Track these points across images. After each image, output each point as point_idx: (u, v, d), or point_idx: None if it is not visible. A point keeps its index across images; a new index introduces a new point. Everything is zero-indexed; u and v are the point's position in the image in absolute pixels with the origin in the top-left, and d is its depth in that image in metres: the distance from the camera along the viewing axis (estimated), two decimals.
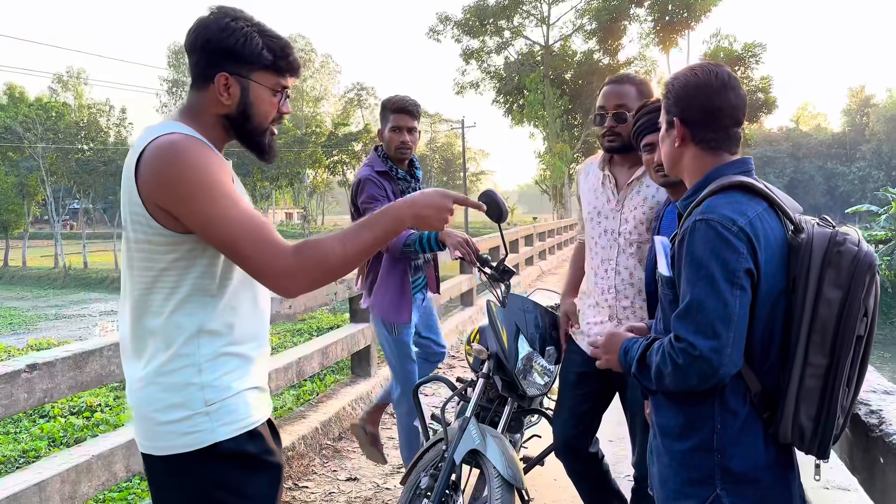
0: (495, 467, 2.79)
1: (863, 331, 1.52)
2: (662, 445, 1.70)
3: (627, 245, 2.64)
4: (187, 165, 1.44)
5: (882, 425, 1.69)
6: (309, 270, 1.46)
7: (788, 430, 1.54)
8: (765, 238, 1.53)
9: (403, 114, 3.43)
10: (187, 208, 1.43)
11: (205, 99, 1.57)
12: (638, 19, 31.88)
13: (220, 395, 1.53)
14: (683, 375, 1.54)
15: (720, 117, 1.66)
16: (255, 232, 1.44)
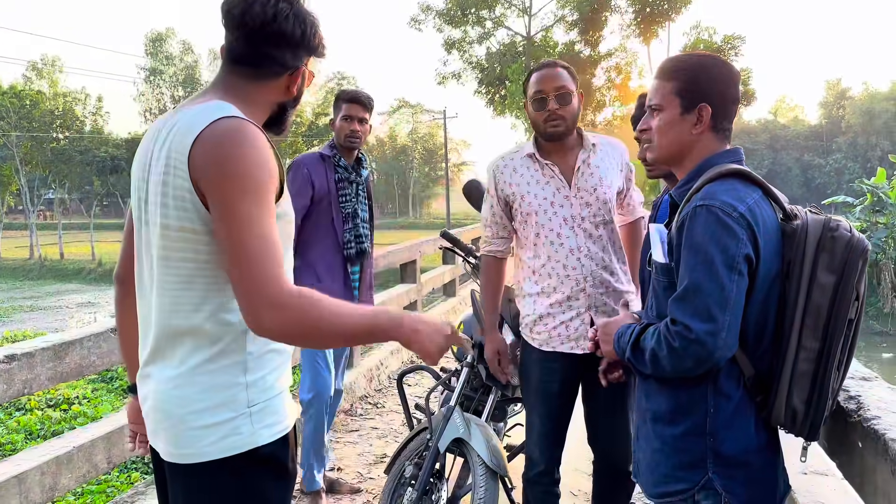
0: (479, 455, 2.80)
1: (854, 314, 1.56)
2: (653, 431, 1.72)
3: (594, 228, 2.59)
4: (253, 158, 1.36)
5: (860, 410, 1.72)
6: (295, 317, 1.33)
7: (781, 412, 1.57)
8: (763, 224, 1.56)
9: (355, 104, 3.45)
10: (226, 196, 1.34)
11: (270, 87, 1.52)
12: (619, 10, 31.93)
13: (264, 395, 1.46)
14: (679, 358, 1.56)
15: (735, 108, 1.72)
16: (270, 251, 1.34)
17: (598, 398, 2.66)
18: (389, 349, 6.29)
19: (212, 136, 1.36)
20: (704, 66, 1.70)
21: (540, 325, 2.64)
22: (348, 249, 3.48)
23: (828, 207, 38.29)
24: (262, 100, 1.53)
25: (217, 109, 1.41)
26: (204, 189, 1.36)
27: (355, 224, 3.49)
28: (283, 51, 1.49)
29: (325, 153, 3.49)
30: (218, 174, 1.34)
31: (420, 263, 7.35)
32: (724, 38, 30.58)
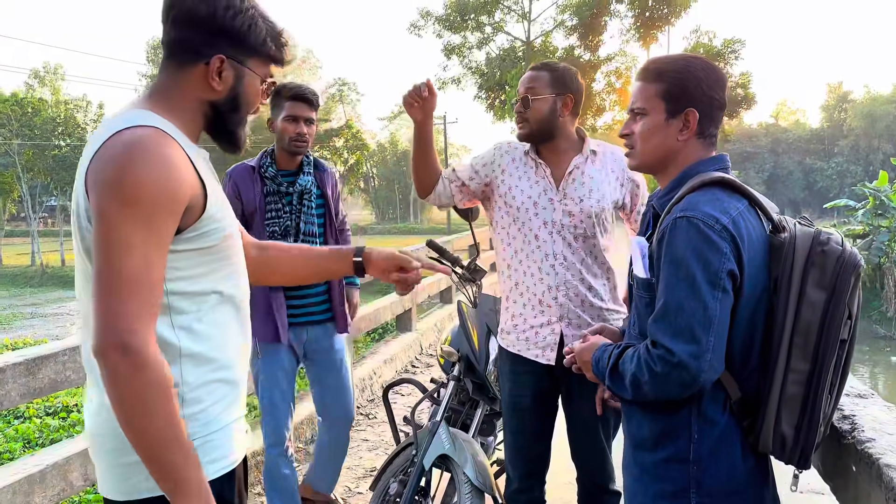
0: (465, 473, 2.72)
1: (846, 334, 1.46)
2: (633, 457, 1.62)
3: (573, 239, 2.49)
4: (147, 176, 1.23)
5: (854, 432, 1.64)
6: (130, 376, 1.18)
7: (769, 438, 1.47)
8: (748, 237, 1.46)
9: (300, 101, 3.02)
10: (104, 216, 1.22)
11: (188, 80, 1.39)
12: (618, 15, 31.83)
13: (205, 429, 1.36)
14: (662, 384, 1.46)
15: (721, 113, 1.63)
16: (137, 286, 1.21)
17: (575, 413, 2.58)
18: (383, 358, 6.21)
19: (107, 150, 1.26)
20: (692, 68, 1.60)
21: (510, 324, 2.59)
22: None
23: (830, 211, 38.15)
24: (186, 97, 1.40)
25: (128, 119, 1.30)
26: (91, 206, 1.25)
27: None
28: (190, 33, 1.37)
29: (253, 164, 3.08)
30: (102, 192, 1.23)
31: None
32: (723, 42, 30.46)
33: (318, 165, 3.20)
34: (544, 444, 2.63)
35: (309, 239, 3.06)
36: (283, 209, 3.02)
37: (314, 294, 3.14)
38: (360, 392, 5.56)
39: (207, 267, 1.38)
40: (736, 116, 33.64)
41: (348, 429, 3.38)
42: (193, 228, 1.33)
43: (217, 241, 1.38)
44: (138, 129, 1.27)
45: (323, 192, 3.16)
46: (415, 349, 6.99)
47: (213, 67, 1.38)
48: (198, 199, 1.33)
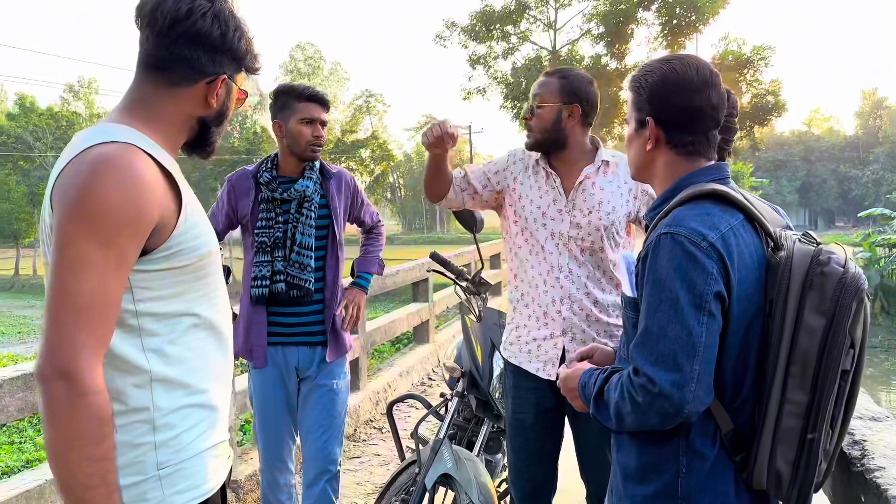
0: (467, 494, 2.64)
1: (849, 364, 1.33)
2: (623, 488, 1.51)
3: (580, 252, 2.41)
4: (111, 195, 1.18)
5: (864, 458, 1.53)
6: (70, 408, 1.13)
7: (763, 475, 1.35)
8: (739, 256, 1.35)
9: (316, 103, 2.78)
10: (62, 233, 1.17)
11: (183, 97, 1.35)
12: (645, 23, 31.62)
13: (178, 456, 1.30)
14: (643, 414, 1.35)
15: (700, 118, 1.47)
16: (88, 310, 1.15)
17: (582, 431, 2.49)
18: (398, 371, 6.14)
19: (73, 167, 1.20)
20: (650, 72, 1.50)
21: (513, 335, 2.53)
22: (256, 288, 2.73)
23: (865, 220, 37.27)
24: (174, 113, 1.36)
25: (98, 134, 1.24)
26: (52, 223, 1.20)
27: (274, 257, 2.73)
28: (197, 53, 1.33)
29: (252, 169, 2.87)
30: (63, 210, 1.18)
31: (432, 281, 7.21)
32: (753, 49, 30.05)
33: (325, 171, 2.90)
34: (549, 464, 2.54)
35: (303, 252, 2.76)
36: (276, 218, 2.77)
37: (307, 313, 2.82)
38: (374, 405, 5.50)
39: (180, 287, 1.32)
40: (767, 124, 33.08)
41: (331, 486, 2.89)
42: (164, 248, 1.27)
43: (191, 260, 1.32)
44: (108, 146, 1.22)
45: (328, 201, 2.85)
46: (432, 361, 6.92)
47: (217, 87, 1.37)
48: (169, 218, 1.27)
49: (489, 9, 32.14)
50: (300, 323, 2.82)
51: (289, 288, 2.74)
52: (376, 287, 5.84)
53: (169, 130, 1.35)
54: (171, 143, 1.37)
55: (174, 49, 1.32)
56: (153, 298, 1.28)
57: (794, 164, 68.16)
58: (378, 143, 46.43)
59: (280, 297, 2.74)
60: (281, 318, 2.80)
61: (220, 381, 1.42)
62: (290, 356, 2.82)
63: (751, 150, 32.80)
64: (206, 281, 1.37)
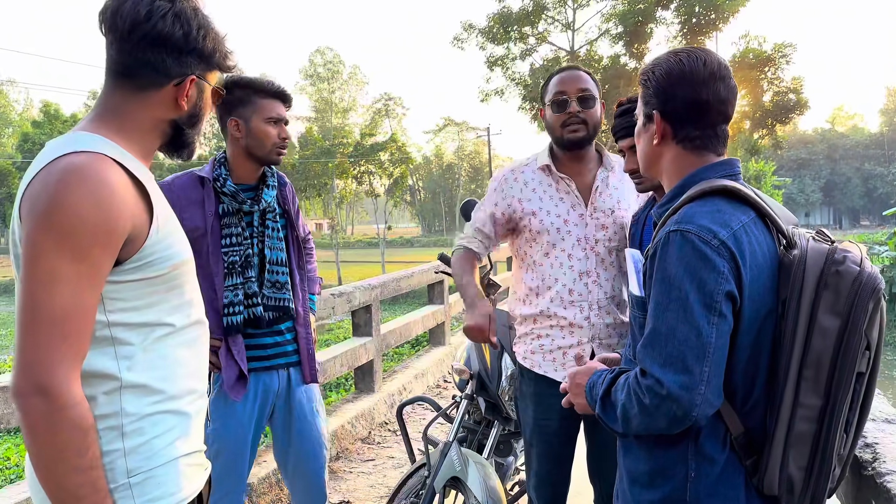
0: (476, 497, 2.62)
1: (864, 367, 1.29)
2: (630, 492, 1.47)
3: (607, 254, 2.39)
4: (81, 206, 1.16)
5: (875, 462, 1.49)
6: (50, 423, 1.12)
7: (775, 480, 1.31)
8: (751, 254, 1.31)
9: (280, 101, 2.47)
10: (32, 245, 1.15)
11: (151, 101, 1.33)
12: (664, 22, 31.37)
13: (148, 463, 1.28)
14: (650, 417, 1.31)
15: (707, 112, 1.43)
16: (63, 324, 1.14)
17: (598, 433, 2.45)
18: (413, 373, 6.13)
19: (42, 178, 1.18)
20: (657, 65, 1.47)
21: (535, 345, 2.45)
22: (230, 316, 2.37)
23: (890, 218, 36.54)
24: (145, 118, 1.34)
25: (67, 143, 1.23)
26: (21, 236, 1.18)
27: (248, 278, 2.40)
28: (161, 55, 1.30)
29: (204, 174, 2.43)
30: (33, 222, 1.16)
31: (448, 283, 7.19)
32: (774, 47, 29.69)
33: (280, 178, 2.60)
34: (568, 467, 2.53)
35: (276, 269, 2.48)
36: (242, 233, 2.41)
37: (284, 331, 2.54)
38: (389, 408, 5.49)
39: (154, 297, 1.31)
40: (789, 122, 32.66)
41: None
42: (137, 258, 1.26)
43: (164, 270, 1.31)
44: (77, 156, 1.20)
45: (285, 209, 2.57)
46: (447, 363, 6.89)
47: (186, 88, 1.34)
48: (141, 228, 1.26)
49: (507, 10, 32.10)
50: (278, 343, 2.52)
51: (266, 310, 2.44)
52: (391, 289, 5.83)
53: (140, 137, 1.34)
54: (143, 150, 1.35)
55: (137, 53, 1.30)
56: (125, 309, 1.27)
57: (818, 162, 67.27)
58: (397, 146, 46.47)
59: (257, 322, 2.42)
60: (256, 340, 2.48)
61: (195, 390, 1.41)
62: (270, 382, 2.50)
63: (773, 149, 32.37)
64: (180, 290, 1.36)
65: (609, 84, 30.79)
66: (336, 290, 5.07)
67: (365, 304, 5.33)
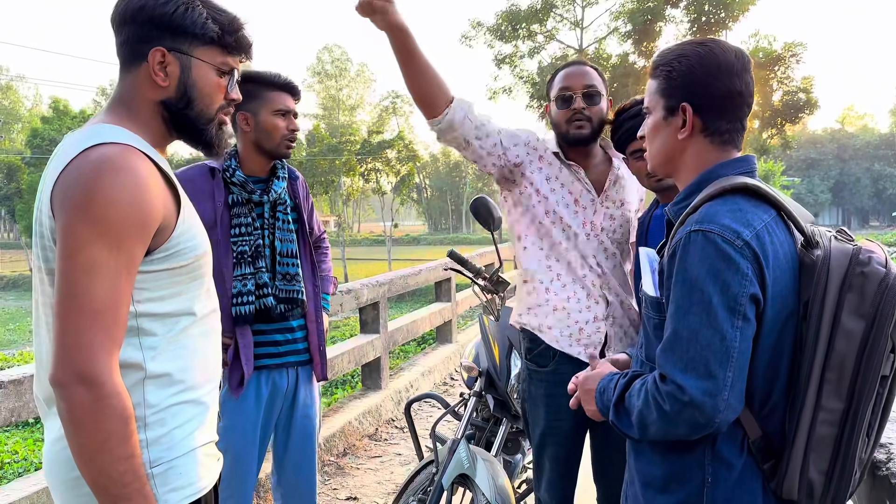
0: (484, 494, 2.61)
1: (889, 370, 1.26)
2: (643, 497, 1.44)
3: (610, 243, 2.38)
4: (117, 196, 1.18)
5: (890, 462, 1.48)
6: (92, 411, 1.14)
7: (795, 485, 1.28)
8: (773, 254, 1.27)
9: (289, 93, 2.47)
10: (70, 236, 1.17)
11: (136, 82, 1.32)
12: (674, 20, 31.28)
13: (170, 453, 1.30)
14: (670, 424, 1.28)
15: (740, 104, 1.40)
16: (103, 313, 1.16)
17: (604, 434, 2.43)
18: (420, 371, 6.13)
19: (74, 169, 1.19)
20: (683, 55, 1.41)
21: (553, 318, 2.36)
22: (239, 306, 2.36)
23: None
24: (139, 101, 1.34)
25: (97, 134, 1.24)
26: (56, 227, 1.19)
27: (258, 268, 2.40)
28: (133, 30, 1.31)
29: (214, 165, 2.43)
30: (69, 214, 1.17)
31: (455, 281, 7.18)
32: (784, 46, 29.56)
33: (291, 172, 2.60)
34: (577, 468, 2.52)
35: (288, 261, 2.47)
36: (253, 224, 2.41)
37: (295, 328, 2.53)
38: (396, 404, 5.50)
39: (179, 287, 1.32)
40: (799, 122, 32.51)
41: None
42: (164, 248, 1.27)
43: (189, 260, 1.32)
44: (107, 147, 1.21)
45: (296, 203, 2.57)
46: (454, 361, 6.89)
47: (153, 62, 1.31)
48: (169, 219, 1.27)
49: (515, 8, 32.05)
50: (290, 340, 2.51)
51: (278, 302, 2.43)
52: (398, 286, 5.83)
53: (146, 123, 1.34)
54: (154, 137, 1.35)
55: (120, 36, 1.32)
56: (152, 299, 1.28)
57: (827, 162, 66.94)
58: (404, 144, 46.44)
59: (268, 315, 2.41)
60: (267, 336, 2.46)
61: (212, 380, 1.42)
62: (280, 380, 2.50)
63: (782, 149, 32.24)
64: (201, 280, 1.37)
65: (618, 83, 30.73)
66: (344, 287, 5.07)
67: (373, 302, 5.33)
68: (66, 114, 47.16)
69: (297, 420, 2.56)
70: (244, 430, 2.44)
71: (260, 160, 2.47)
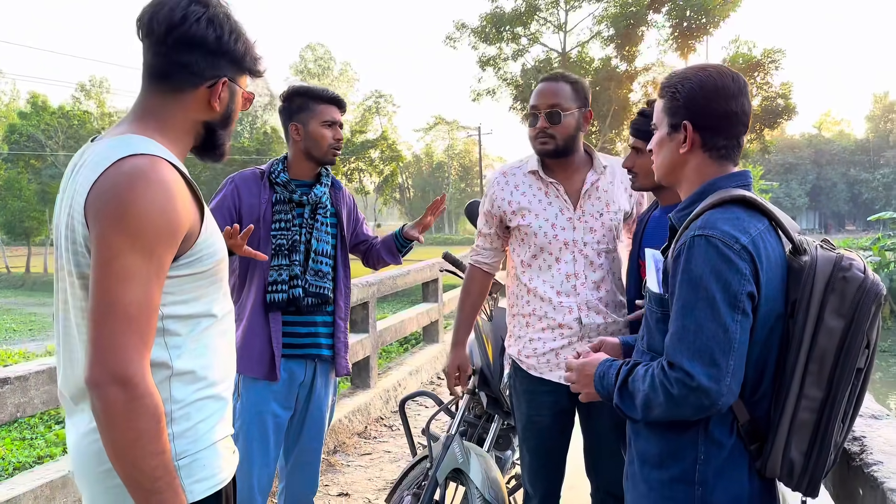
0: (477, 487, 2.71)
1: (863, 363, 1.42)
2: (640, 473, 1.60)
3: (596, 256, 2.44)
4: (150, 206, 1.25)
5: (863, 454, 1.59)
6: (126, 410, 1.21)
7: (777, 464, 1.44)
8: (766, 258, 1.44)
9: (336, 106, 2.73)
10: (105, 245, 1.24)
11: (187, 102, 1.41)
12: (656, 25, 31.62)
13: (195, 446, 1.37)
14: (676, 406, 1.43)
15: (735, 123, 1.56)
16: (137, 317, 1.23)
17: (597, 427, 2.53)
18: (408, 370, 6.22)
19: (111, 178, 1.26)
20: (686, 79, 1.57)
21: (528, 348, 2.52)
22: (273, 293, 2.61)
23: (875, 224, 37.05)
24: (180, 119, 1.42)
25: (126, 145, 1.30)
26: (91, 235, 1.26)
27: (293, 261, 2.63)
28: (195, 58, 1.38)
29: (263, 168, 2.73)
30: (104, 223, 1.24)
31: (442, 282, 7.28)
32: (763, 52, 29.98)
33: (334, 182, 2.86)
34: (562, 460, 2.62)
35: (321, 259, 2.70)
36: (292, 221, 2.66)
37: (320, 323, 2.74)
38: (385, 403, 5.58)
39: (200, 291, 1.40)
40: (777, 127, 32.99)
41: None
42: (188, 255, 1.35)
43: (210, 265, 1.41)
44: (138, 158, 1.28)
45: (337, 210, 2.82)
46: (441, 361, 6.99)
47: (218, 90, 1.42)
48: (194, 227, 1.35)
49: (499, 10, 32.20)
50: (312, 334, 2.71)
51: (306, 295, 2.64)
52: (387, 286, 5.92)
53: (178, 137, 1.41)
54: (181, 150, 1.43)
55: (172, 56, 1.37)
56: (177, 302, 1.36)
57: (805, 167, 67.89)
58: (387, 144, 46.54)
59: (296, 305, 2.62)
60: (293, 327, 2.67)
61: (229, 376, 1.51)
62: (297, 370, 2.69)
63: (760, 154, 32.68)
64: (219, 284, 1.46)
65: (600, 86, 31.00)
66: None
67: (362, 301, 5.41)
68: (44, 109, 46.62)
69: (312, 412, 2.74)
70: (260, 413, 2.63)
71: (307, 165, 2.74)
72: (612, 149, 32.58)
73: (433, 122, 68.00)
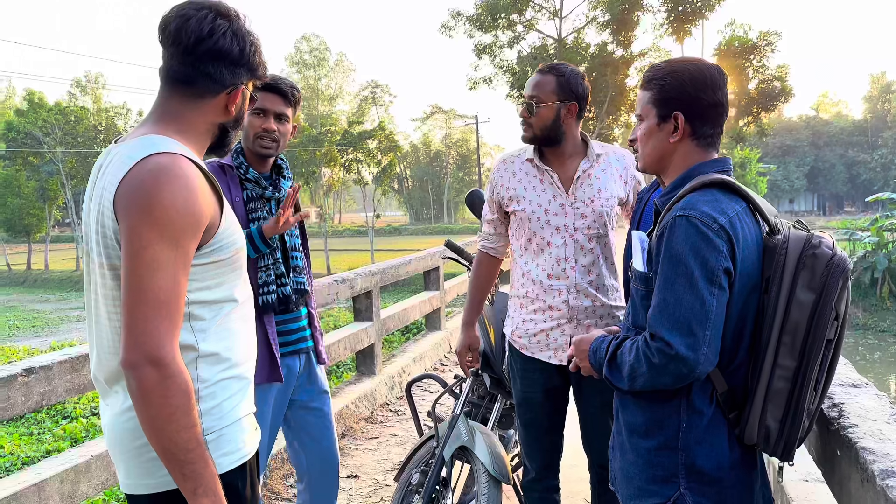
0: (482, 463, 2.83)
1: (833, 335, 1.54)
2: (629, 442, 1.72)
3: (586, 241, 2.55)
4: (176, 200, 1.36)
5: (841, 419, 1.71)
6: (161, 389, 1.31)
7: (754, 431, 1.56)
8: (743, 237, 1.54)
9: (272, 93, 2.49)
10: (136, 237, 1.34)
11: (208, 107, 1.52)
12: (651, 10, 31.59)
13: (220, 423, 1.48)
14: (658, 374, 1.55)
15: (721, 113, 1.68)
16: (166, 303, 1.34)
17: (586, 404, 2.66)
18: (412, 356, 6.35)
19: (137, 175, 1.36)
20: (674, 72, 1.68)
21: (521, 329, 2.65)
22: (265, 295, 2.52)
23: (873, 204, 37.15)
24: (200, 122, 1.52)
25: (149, 145, 1.41)
26: (121, 228, 1.37)
27: (276, 259, 2.56)
28: (220, 68, 1.49)
29: (225, 162, 2.54)
30: (133, 216, 1.35)
31: (443, 270, 7.40)
32: (759, 35, 29.98)
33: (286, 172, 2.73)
34: (557, 435, 2.74)
35: (295, 254, 2.65)
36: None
37: (303, 317, 2.71)
38: (390, 389, 5.71)
39: (223, 278, 1.51)
40: (774, 109, 33.02)
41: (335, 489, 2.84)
42: (210, 244, 1.47)
43: (230, 253, 1.52)
44: (161, 156, 1.38)
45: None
46: (444, 347, 7.12)
47: (237, 97, 1.54)
48: (215, 218, 1.46)
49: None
50: (301, 328, 2.69)
51: (293, 292, 2.60)
52: (390, 276, 6.04)
53: (197, 138, 1.53)
54: (199, 149, 1.55)
55: (199, 65, 1.48)
56: (201, 288, 1.47)
57: (802, 149, 67.85)
58: (385, 134, 46.48)
59: (286, 304, 2.57)
60: (284, 326, 2.64)
61: (251, 357, 1.63)
62: (293, 365, 2.67)
63: (758, 136, 32.74)
64: (240, 271, 1.57)
65: (596, 72, 30.99)
66: (338, 276, 5.26)
67: (366, 290, 5.53)
68: (41, 106, 46.54)
69: (315, 395, 2.77)
70: (261, 412, 2.53)
71: (254, 158, 2.58)
72: (609, 134, 32.62)
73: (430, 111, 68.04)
